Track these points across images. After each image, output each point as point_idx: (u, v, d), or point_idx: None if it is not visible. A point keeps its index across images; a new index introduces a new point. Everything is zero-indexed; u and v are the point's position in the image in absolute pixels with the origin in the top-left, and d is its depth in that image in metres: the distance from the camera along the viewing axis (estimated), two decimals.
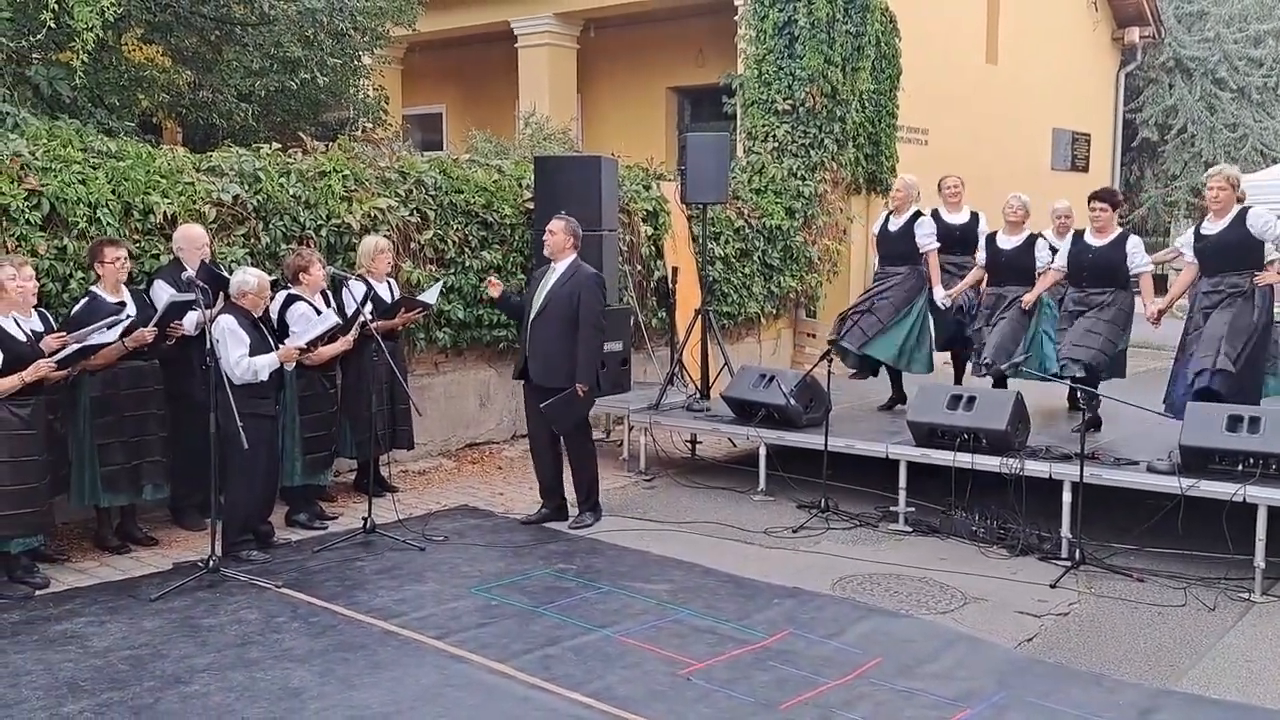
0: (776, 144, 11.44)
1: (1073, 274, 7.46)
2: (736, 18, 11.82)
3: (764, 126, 11.50)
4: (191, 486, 6.35)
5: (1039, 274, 7.76)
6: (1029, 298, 7.60)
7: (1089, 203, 7.43)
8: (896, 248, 8.30)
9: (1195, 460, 5.94)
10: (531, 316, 6.61)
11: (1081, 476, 6.04)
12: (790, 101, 11.31)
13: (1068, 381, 7.09)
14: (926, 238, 8.17)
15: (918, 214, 8.26)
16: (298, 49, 10.12)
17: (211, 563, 5.60)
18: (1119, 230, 7.44)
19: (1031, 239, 7.85)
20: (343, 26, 10.47)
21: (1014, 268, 7.83)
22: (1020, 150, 15.31)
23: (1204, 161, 18.36)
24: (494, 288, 6.88)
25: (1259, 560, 5.58)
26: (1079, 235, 7.51)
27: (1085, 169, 17.20)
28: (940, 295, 8.15)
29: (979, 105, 14.25)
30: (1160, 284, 8.15)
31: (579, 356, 6.51)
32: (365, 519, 6.41)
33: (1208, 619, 5.31)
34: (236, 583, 5.55)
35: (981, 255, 8.03)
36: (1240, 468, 5.81)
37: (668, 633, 5.04)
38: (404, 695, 4.36)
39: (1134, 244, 7.32)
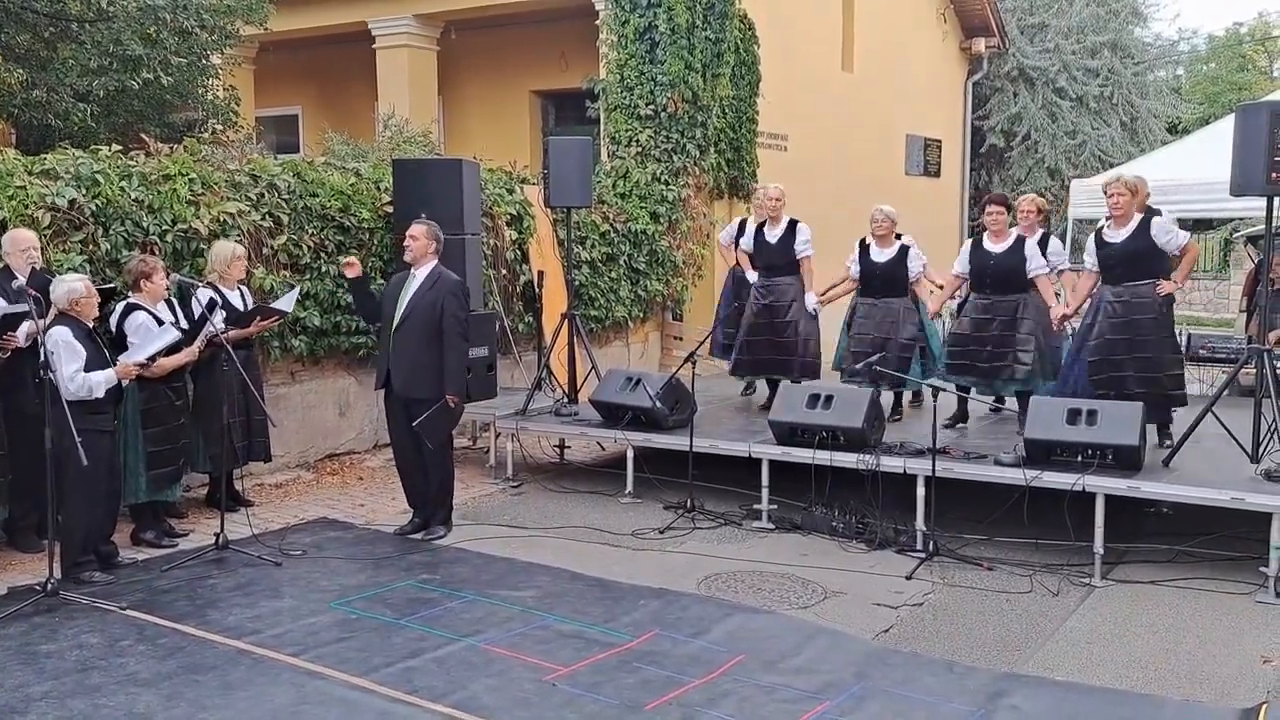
0: (640, 149, 11.51)
1: (975, 280, 7.47)
2: (598, 22, 11.86)
3: (627, 131, 11.57)
4: (27, 506, 6.02)
5: (913, 283, 7.86)
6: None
7: (985, 206, 7.47)
8: (776, 258, 8.29)
9: (1038, 452, 6.20)
10: (394, 326, 6.46)
11: (934, 471, 6.25)
12: (653, 107, 11.40)
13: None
14: (805, 245, 8.21)
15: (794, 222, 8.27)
16: (139, 47, 9.70)
17: (50, 586, 5.29)
18: (1016, 234, 7.43)
19: (904, 250, 7.84)
20: (188, 24, 10.08)
21: (888, 279, 7.83)
22: (876, 156, 15.79)
23: (1047, 167, 19.22)
24: (351, 268, 6.66)
25: (1098, 546, 5.86)
26: (978, 241, 7.53)
27: (937, 174, 17.88)
28: (811, 301, 8.19)
29: (836, 112, 14.62)
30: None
31: (447, 366, 6.36)
32: (217, 535, 6.18)
33: (1052, 604, 5.55)
34: (77, 606, 5.27)
35: (855, 267, 8.01)
36: (1080, 459, 6.10)
37: (533, 639, 5.00)
38: (258, 715, 4.20)
39: (1030, 247, 7.33)
